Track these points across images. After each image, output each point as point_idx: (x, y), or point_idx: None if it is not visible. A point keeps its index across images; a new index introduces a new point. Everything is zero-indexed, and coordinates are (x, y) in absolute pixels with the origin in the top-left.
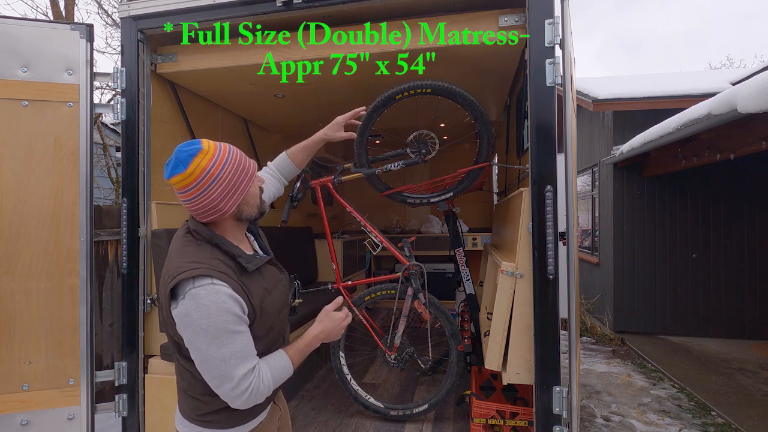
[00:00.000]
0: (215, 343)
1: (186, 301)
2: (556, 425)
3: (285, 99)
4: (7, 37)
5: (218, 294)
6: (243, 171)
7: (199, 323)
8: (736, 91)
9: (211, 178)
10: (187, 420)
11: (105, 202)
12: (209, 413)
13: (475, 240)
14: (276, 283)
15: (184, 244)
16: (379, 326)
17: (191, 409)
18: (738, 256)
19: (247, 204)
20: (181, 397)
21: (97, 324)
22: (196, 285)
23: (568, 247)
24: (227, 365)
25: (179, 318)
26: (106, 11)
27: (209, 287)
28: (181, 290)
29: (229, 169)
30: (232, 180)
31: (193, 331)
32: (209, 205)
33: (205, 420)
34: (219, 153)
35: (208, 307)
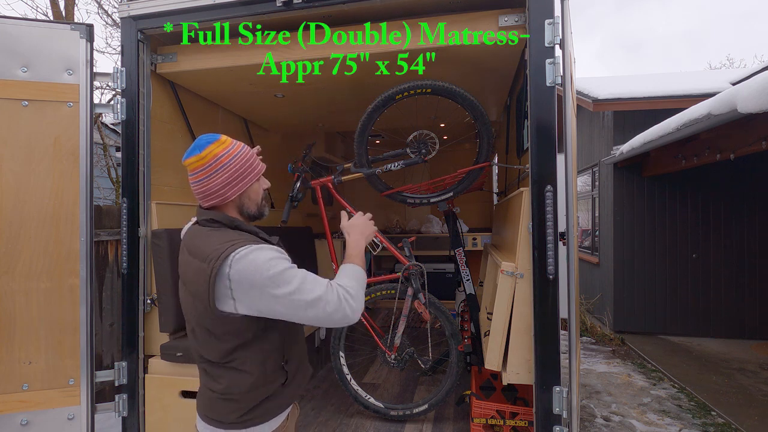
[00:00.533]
0: (285, 282)
1: (238, 267)
2: (556, 425)
3: (285, 99)
4: (7, 37)
5: (262, 249)
6: (250, 166)
7: (261, 275)
8: (736, 91)
9: (220, 165)
10: (222, 428)
11: (105, 202)
12: (250, 410)
13: (475, 240)
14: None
15: (207, 234)
16: (379, 326)
17: (231, 413)
18: (738, 256)
19: (249, 198)
20: (215, 405)
21: (97, 324)
22: (239, 254)
23: (568, 247)
24: (305, 288)
25: (239, 286)
26: (106, 11)
27: (252, 248)
28: (226, 264)
29: (238, 160)
30: (238, 171)
31: (260, 286)
32: (213, 189)
33: (245, 420)
34: (233, 146)
35: (260, 259)
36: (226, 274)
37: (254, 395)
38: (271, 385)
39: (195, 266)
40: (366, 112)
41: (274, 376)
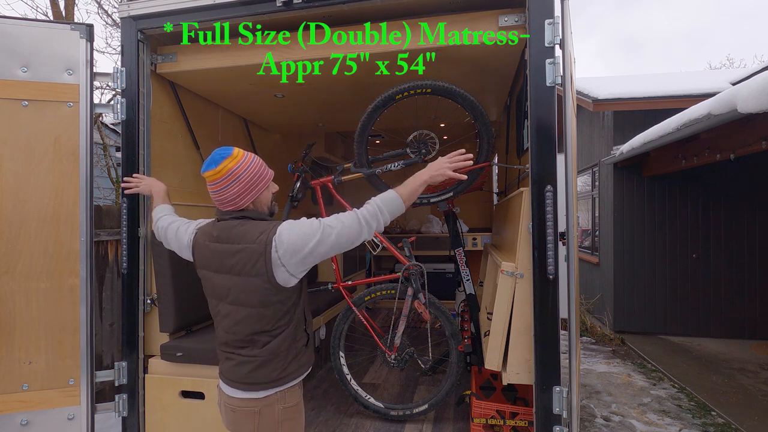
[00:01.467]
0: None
1: (282, 235)
2: (556, 425)
3: (285, 99)
4: (7, 37)
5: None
6: (260, 178)
7: (304, 231)
8: (736, 91)
9: (234, 178)
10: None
11: (105, 202)
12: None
13: (475, 240)
14: None
15: (243, 224)
16: (379, 326)
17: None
18: (738, 256)
19: (260, 203)
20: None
21: (97, 324)
22: (279, 229)
23: (568, 247)
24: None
25: (289, 251)
26: (106, 11)
27: (284, 225)
28: (276, 234)
29: (249, 173)
30: (249, 182)
31: (305, 241)
32: (229, 198)
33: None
34: (244, 160)
35: (299, 223)
36: (275, 243)
37: (288, 354)
38: (299, 344)
39: (240, 248)
40: (366, 112)
41: (301, 336)
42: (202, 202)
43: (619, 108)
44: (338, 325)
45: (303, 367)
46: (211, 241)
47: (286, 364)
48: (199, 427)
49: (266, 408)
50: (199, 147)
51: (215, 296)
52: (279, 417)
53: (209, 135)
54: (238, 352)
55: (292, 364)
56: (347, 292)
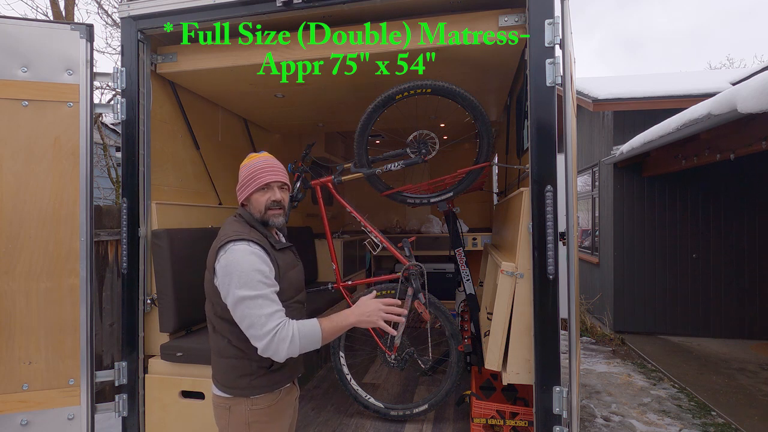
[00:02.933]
0: (248, 286)
1: (226, 255)
2: (556, 425)
3: (285, 99)
4: (7, 37)
5: (252, 250)
6: (251, 179)
7: (235, 268)
8: (736, 91)
9: (240, 173)
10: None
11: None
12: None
13: (475, 240)
14: (293, 265)
15: (231, 223)
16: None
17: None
18: (738, 256)
19: (251, 204)
20: (219, 368)
21: (97, 324)
22: (236, 244)
23: (568, 247)
24: (256, 304)
25: (220, 270)
26: (106, 11)
27: (245, 245)
28: (224, 248)
29: (244, 172)
30: (242, 181)
31: (230, 278)
32: (237, 188)
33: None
34: (251, 161)
35: (243, 257)
36: (219, 257)
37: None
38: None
39: (214, 243)
40: (366, 112)
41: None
42: (202, 202)
43: (619, 108)
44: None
45: (261, 389)
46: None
47: (235, 377)
48: (199, 427)
49: (236, 406)
50: (199, 147)
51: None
52: (247, 418)
53: (209, 135)
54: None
55: (242, 380)
56: (347, 292)
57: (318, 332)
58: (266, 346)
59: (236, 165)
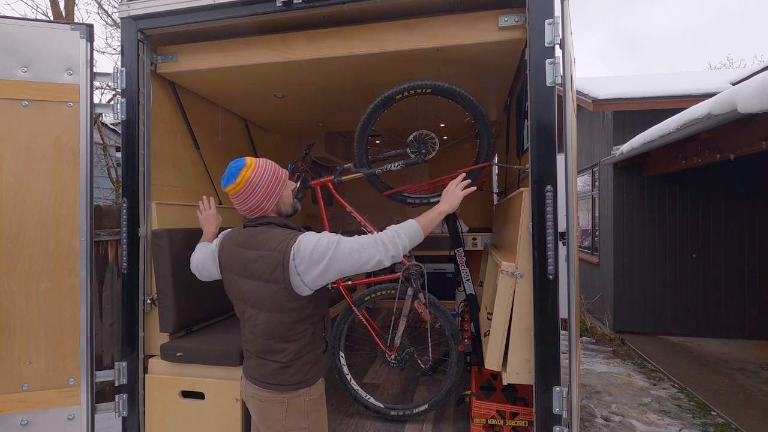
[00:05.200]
0: (341, 243)
1: (300, 246)
2: (556, 425)
3: (285, 99)
4: (7, 37)
5: (312, 234)
6: (277, 179)
7: (321, 244)
8: (736, 91)
9: (254, 185)
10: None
11: (105, 202)
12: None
13: (475, 240)
14: None
15: (266, 232)
16: (379, 326)
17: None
18: (738, 256)
19: (283, 203)
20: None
21: (97, 324)
22: (300, 242)
23: (568, 247)
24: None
25: (305, 261)
26: (106, 11)
27: (305, 234)
28: (296, 244)
29: (266, 177)
30: (269, 186)
31: (322, 254)
32: (255, 204)
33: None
34: (258, 167)
35: (318, 236)
36: (292, 256)
37: (308, 360)
38: (318, 351)
39: (261, 255)
40: (366, 112)
41: (320, 343)
42: None
43: (619, 108)
44: (338, 325)
45: (322, 371)
46: (237, 246)
47: (307, 370)
48: (199, 427)
49: (293, 399)
50: (199, 147)
51: (240, 299)
52: (306, 408)
53: (209, 135)
54: (259, 355)
55: (312, 369)
56: (347, 292)
57: (415, 223)
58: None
59: None
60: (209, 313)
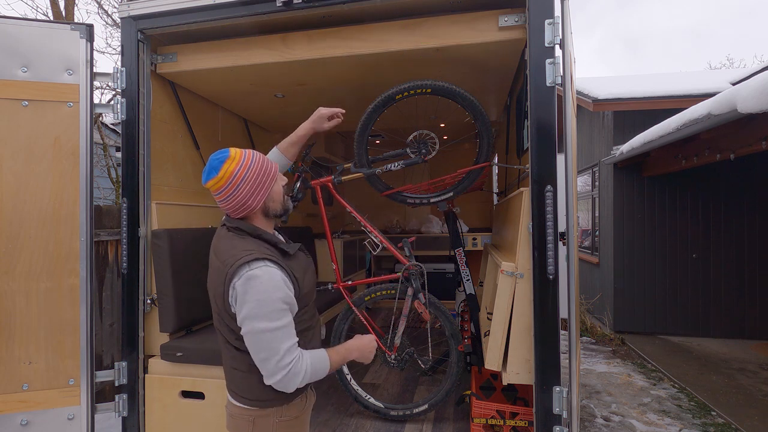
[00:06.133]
0: (267, 318)
1: (243, 281)
2: (556, 425)
3: (285, 99)
4: (7, 37)
5: (271, 274)
6: (265, 172)
7: (255, 298)
8: (736, 91)
9: (239, 180)
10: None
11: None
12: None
13: (475, 240)
14: (308, 266)
15: (230, 239)
16: (379, 326)
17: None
18: (738, 256)
19: (272, 200)
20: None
21: (97, 324)
22: (252, 267)
23: (568, 247)
24: (276, 337)
25: (239, 298)
26: (106, 11)
27: (264, 268)
28: (239, 274)
29: (254, 171)
30: (256, 180)
31: (249, 307)
32: (240, 203)
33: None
34: (244, 159)
35: (263, 285)
36: (234, 282)
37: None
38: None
39: (216, 266)
40: (366, 112)
41: None
42: (202, 202)
43: (619, 108)
44: (338, 325)
45: (298, 394)
46: (212, 247)
47: (264, 390)
48: (199, 427)
49: (260, 419)
50: (199, 147)
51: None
52: (274, 429)
53: (209, 135)
54: (227, 362)
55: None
56: (347, 292)
57: (326, 367)
58: (278, 380)
59: None
60: (209, 313)
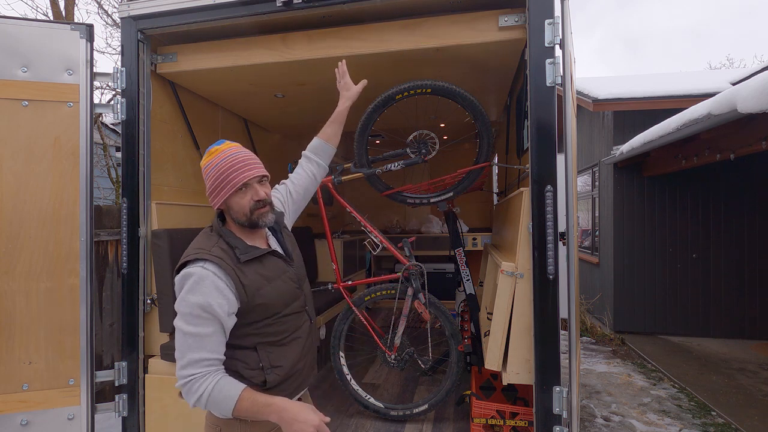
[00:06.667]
0: (183, 319)
1: (179, 277)
2: (556, 425)
3: (285, 99)
4: (7, 37)
5: (203, 277)
6: (223, 181)
7: (180, 296)
8: (736, 91)
9: (204, 175)
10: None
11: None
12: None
13: (475, 240)
14: (279, 273)
15: (201, 234)
16: (379, 326)
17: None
18: (738, 256)
19: (231, 209)
20: None
21: (97, 324)
22: (191, 266)
23: (568, 247)
24: (185, 342)
25: (175, 292)
26: (106, 11)
27: (198, 268)
28: (180, 270)
29: (212, 174)
30: (213, 184)
31: (176, 303)
32: (208, 194)
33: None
34: (214, 158)
35: (189, 285)
36: (176, 276)
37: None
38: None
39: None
40: (366, 112)
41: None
42: (202, 202)
43: (619, 108)
44: (338, 325)
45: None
46: None
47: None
48: (199, 427)
49: (227, 428)
50: (199, 147)
51: None
52: None
53: (209, 135)
54: None
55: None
56: (347, 292)
57: (230, 407)
58: (180, 385)
59: None
60: None
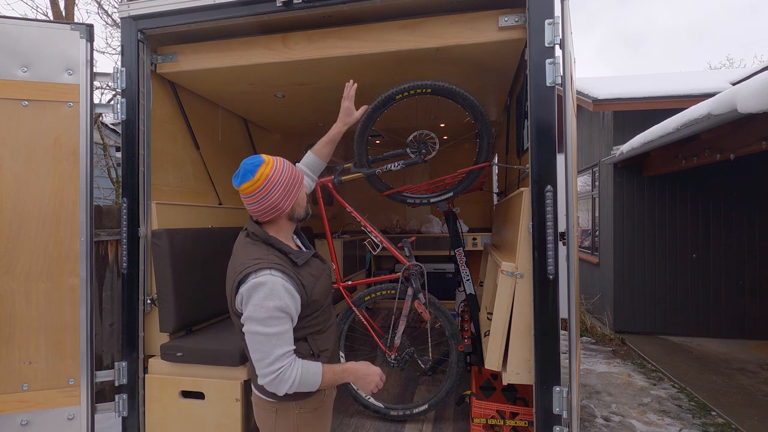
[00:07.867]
0: (263, 323)
1: (248, 287)
2: (556, 425)
3: (285, 99)
4: (7, 37)
5: (274, 283)
6: (294, 178)
7: (255, 303)
8: (736, 91)
9: (273, 183)
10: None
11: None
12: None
13: (475, 240)
14: (321, 272)
15: (245, 245)
16: (379, 326)
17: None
18: (738, 256)
19: (299, 205)
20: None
21: (97, 324)
22: (258, 275)
23: (568, 247)
24: (269, 342)
25: (244, 301)
26: (106, 11)
27: (268, 276)
28: (246, 281)
29: (285, 176)
30: (287, 184)
31: (249, 310)
32: (271, 206)
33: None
34: (277, 164)
35: (264, 292)
36: (240, 288)
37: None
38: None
39: (230, 270)
40: (366, 112)
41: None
42: (202, 202)
43: (619, 108)
44: (338, 325)
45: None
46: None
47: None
48: (199, 427)
49: (282, 410)
50: (199, 147)
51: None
52: (297, 420)
53: (209, 135)
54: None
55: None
56: (347, 292)
57: (317, 382)
58: (268, 382)
59: (236, 165)
60: (209, 313)
